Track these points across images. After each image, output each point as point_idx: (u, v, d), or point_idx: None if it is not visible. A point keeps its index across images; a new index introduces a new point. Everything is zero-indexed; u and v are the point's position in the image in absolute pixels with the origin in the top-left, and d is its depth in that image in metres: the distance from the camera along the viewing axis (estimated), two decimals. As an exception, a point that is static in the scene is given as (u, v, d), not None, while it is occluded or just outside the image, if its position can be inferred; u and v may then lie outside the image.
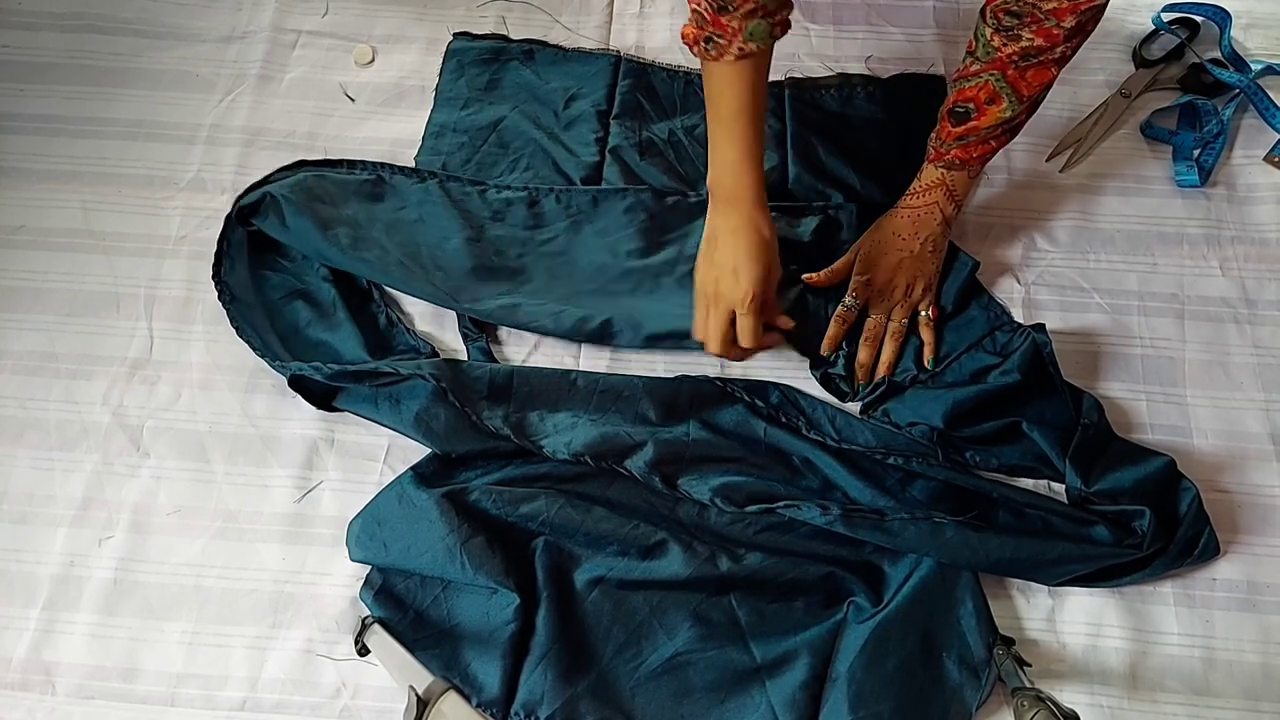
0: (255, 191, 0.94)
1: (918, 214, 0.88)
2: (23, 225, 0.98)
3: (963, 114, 0.82)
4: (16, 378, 0.90)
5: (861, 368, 0.90)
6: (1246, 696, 0.78)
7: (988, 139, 0.83)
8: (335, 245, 0.90)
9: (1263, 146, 1.01)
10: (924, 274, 0.89)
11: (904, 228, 0.89)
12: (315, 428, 0.88)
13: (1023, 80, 0.78)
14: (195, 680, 0.79)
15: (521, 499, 0.81)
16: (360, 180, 0.97)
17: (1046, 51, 0.76)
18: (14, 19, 1.09)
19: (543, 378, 0.88)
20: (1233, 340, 0.92)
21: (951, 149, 0.85)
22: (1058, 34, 0.74)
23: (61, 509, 0.85)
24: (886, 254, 0.89)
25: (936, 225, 0.88)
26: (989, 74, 0.79)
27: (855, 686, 0.75)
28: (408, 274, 0.91)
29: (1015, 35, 0.75)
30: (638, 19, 1.11)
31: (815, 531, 0.81)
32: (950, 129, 0.84)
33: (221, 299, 0.92)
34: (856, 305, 0.90)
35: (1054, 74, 0.78)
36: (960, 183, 0.87)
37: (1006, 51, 0.77)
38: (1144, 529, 0.78)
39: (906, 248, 0.89)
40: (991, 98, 0.80)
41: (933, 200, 0.88)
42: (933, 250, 0.89)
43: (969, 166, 0.86)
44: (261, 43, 1.08)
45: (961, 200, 0.89)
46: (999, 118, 0.81)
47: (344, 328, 0.89)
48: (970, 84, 0.81)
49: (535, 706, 0.76)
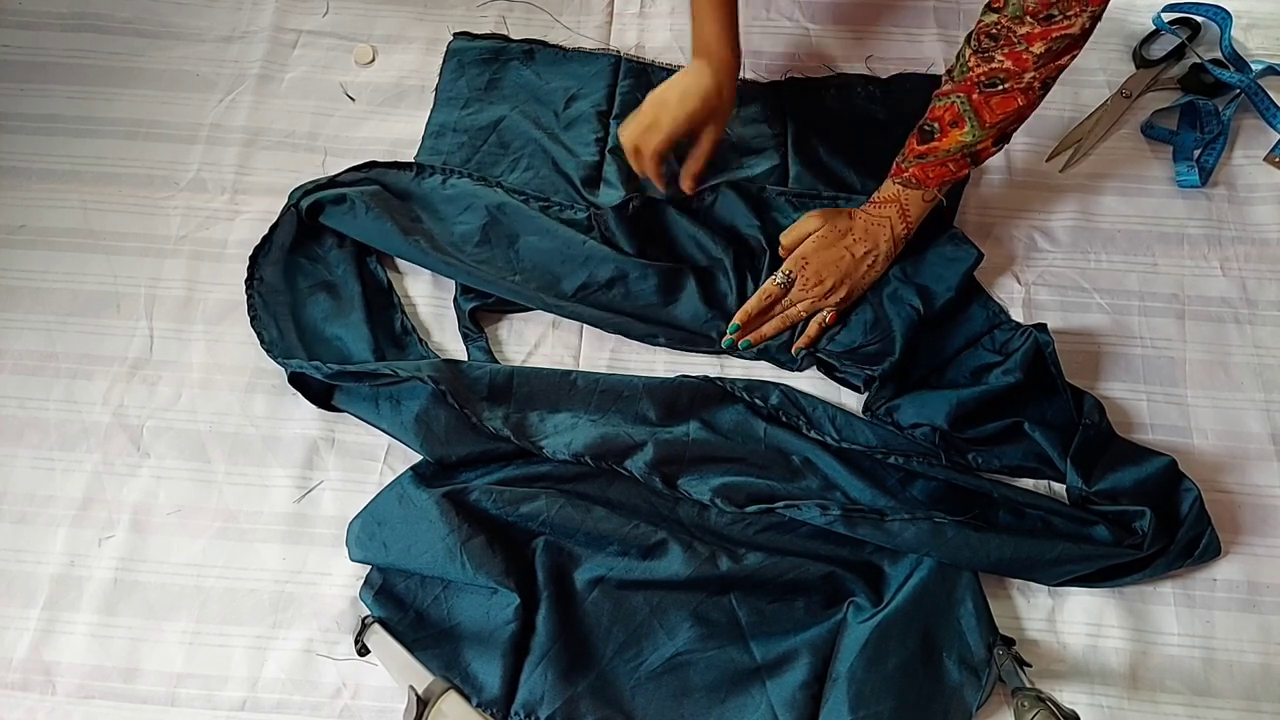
0: (328, 190, 0.94)
1: (870, 223, 0.89)
2: (23, 225, 0.98)
3: (928, 133, 0.83)
4: (16, 378, 0.90)
5: (760, 336, 0.91)
6: (1246, 697, 0.78)
7: (945, 161, 0.83)
8: (416, 248, 0.91)
9: (1263, 146, 1.01)
10: (850, 280, 0.89)
11: (856, 230, 0.89)
12: (315, 428, 0.88)
13: (986, 106, 0.78)
14: (195, 680, 0.78)
15: (521, 499, 0.81)
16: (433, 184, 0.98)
17: (1014, 78, 0.76)
18: (14, 19, 1.09)
19: (542, 378, 0.88)
20: (1233, 340, 0.92)
21: (911, 166, 0.85)
22: (1026, 59, 0.74)
23: (61, 509, 0.85)
24: (832, 249, 0.89)
25: (883, 241, 0.88)
26: (957, 95, 0.79)
27: (855, 686, 0.75)
28: (486, 274, 0.92)
29: (989, 57, 0.76)
30: (638, 19, 1.11)
31: (815, 531, 0.81)
32: (915, 146, 0.84)
33: (249, 283, 0.92)
34: (787, 282, 0.90)
35: (1019, 104, 0.78)
36: (914, 203, 0.87)
37: (976, 73, 0.77)
38: (1144, 529, 0.78)
39: (851, 250, 0.89)
40: (955, 120, 0.80)
41: (885, 215, 0.88)
42: (870, 264, 0.89)
43: (924, 187, 0.86)
44: (261, 42, 1.08)
45: (913, 222, 0.88)
46: (959, 141, 0.81)
47: (358, 327, 0.89)
48: (940, 103, 0.81)
49: (535, 706, 0.76)
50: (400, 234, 0.92)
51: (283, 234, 0.95)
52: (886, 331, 0.89)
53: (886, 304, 0.90)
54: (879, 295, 0.91)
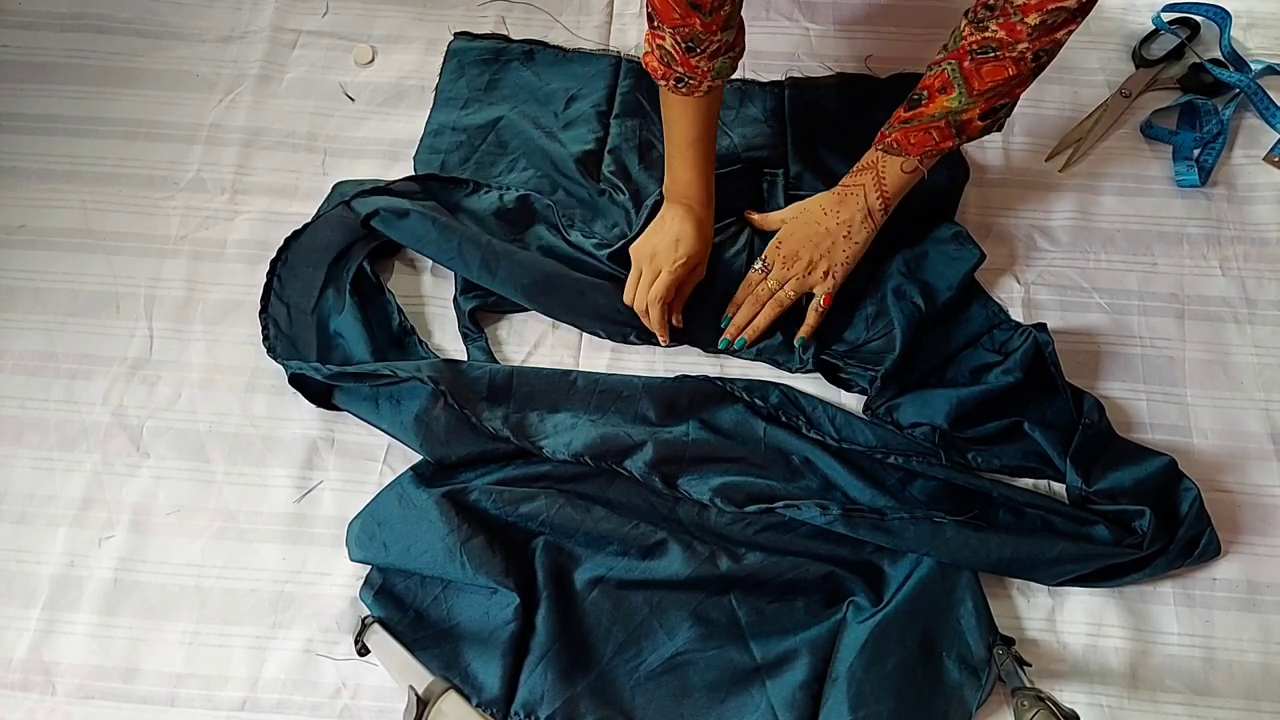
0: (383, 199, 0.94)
1: (845, 192, 0.88)
2: (23, 225, 0.98)
3: (916, 100, 0.82)
4: (16, 378, 0.90)
5: (734, 327, 0.90)
6: (1246, 696, 0.78)
7: (929, 128, 0.82)
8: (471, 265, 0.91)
9: (1263, 146, 1.01)
10: (829, 256, 0.88)
11: (829, 202, 0.89)
12: (315, 428, 0.88)
13: (976, 74, 0.78)
14: (195, 680, 0.79)
15: (521, 499, 0.81)
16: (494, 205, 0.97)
17: (1006, 47, 0.75)
18: (14, 19, 1.09)
19: (542, 378, 0.88)
20: (1233, 340, 0.92)
21: (894, 131, 0.84)
22: (1020, 30, 0.74)
23: (61, 509, 0.85)
24: (805, 225, 0.89)
25: (857, 210, 0.87)
26: (948, 63, 0.79)
27: (855, 686, 0.75)
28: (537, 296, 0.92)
29: (983, 26, 0.76)
30: (638, 19, 1.11)
31: (815, 531, 0.81)
32: (900, 113, 0.84)
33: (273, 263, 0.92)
34: (766, 269, 0.90)
35: (1009, 73, 0.77)
36: (891, 172, 0.86)
37: (969, 41, 0.77)
38: (1144, 529, 0.78)
39: (823, 224, 0.88)
40: (944, 86, 0.80)
41: (859, 183, 0.87)
42: (846, 235, 0.88)
43: (905, 153, 0.84)
44: (261, 43, 1.08)
45: (890, 196, 0.87)
46: (945, 106, 0.80)
47: (357, 326, 0.89)
48: (930, 72, 0.81)
49: (535, 706, 0.76)
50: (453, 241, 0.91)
51: (326, 227, 0.94)
52: (889, 327, 0.89)
53: (889, 299, 0.90)
54: (882, 290, 0.91)
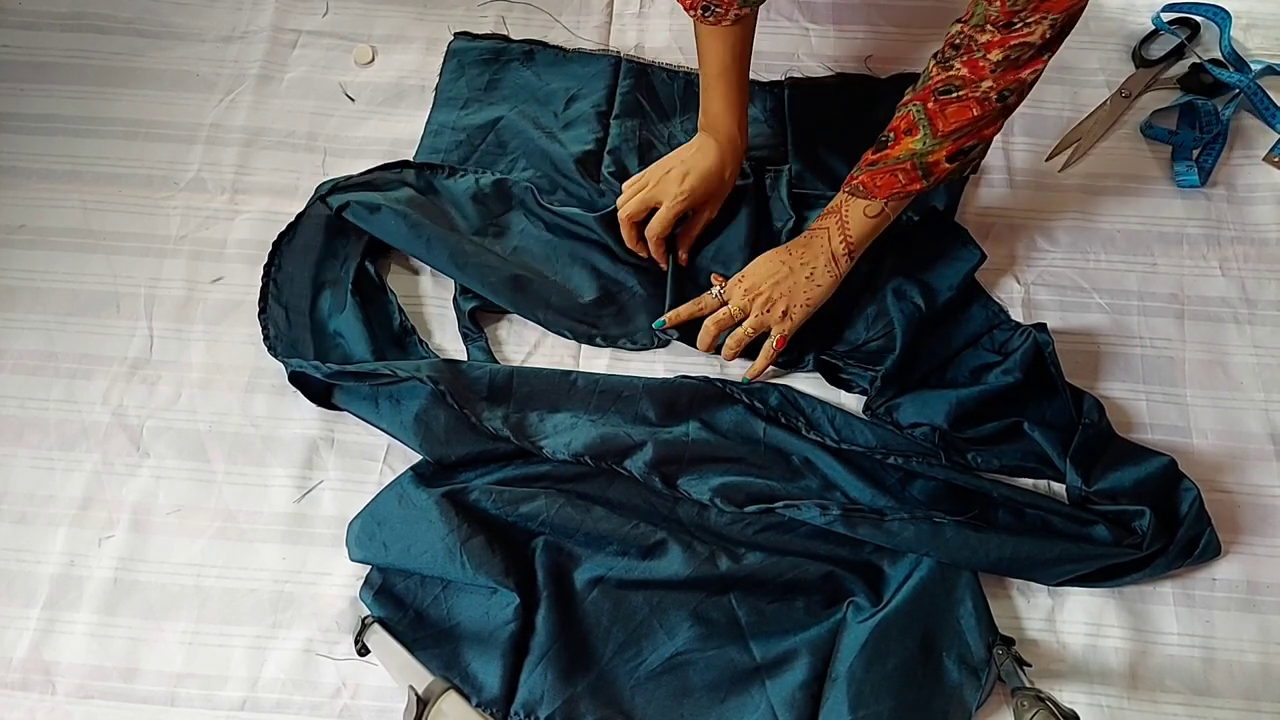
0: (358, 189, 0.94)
1: (811, 235, 0.87)
2: (23, 225, 0.98)
3: (883, 143, 0.82)
4: (16, 378, 0.90)
5: (699, 343, 0.90)
6: (1246, 696, 0.78)
7: (895, 170, 0.80)
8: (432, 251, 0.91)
9: (1263, 146, 1.01)
10: (789, 296, 0.85)
11: (797, 243, 0.87)
12: (315, 428, 0.88)
13: (941, 115, 0.77)
14: (195, 680, 0.78)
15: (521, 499, 0.81)
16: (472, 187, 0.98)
17: (970, 85, 0.75)
18: (14, 19, 1.09)
19: (542, 378, 0.88)
20: (1233, 340, 0.92)
21: (861, 173, 0.83)
22: (984, 67, 0.73)
23: (61, 509, 0.85)
24: (770, 261, 0.88)
25: (820, 253, 0.85)
26: (914, 104, 0.79)
27: (855, 686, 0.75)
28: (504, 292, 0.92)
29: (949, 65, 0.75)
30: (638, 19, 1.11)
31: (815, 531, 0.81)
32: (868, 155, 0.83)
33: (267, 269, 0.92)
34: (721, 297, 0.89)
35: (974, 114, 0.76)
36: (855, 215, 0.84)
37: (935, 80, 0.77)
38: (1144, 529, 0.78)
39: (788, 263, 0.86)
40: (909, 127, 0.79)
41: (824, 226, 0.85)
42: (809, 276, 0.85)
43: (871, 196, 0.82)
44: (261, 42, 1.08)
45: (854, 242, 0.84)
46: (910, 149, 0.79)
47: (357, 326, 0.89)
48: (898, 114, 0.81)
49: (535, 706, 0.76)
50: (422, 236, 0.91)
51: (308, 227, 0.94)
52: (889, 327, 0.89)
53: (890, 299, 0.89)
54: (882, 290, 0.90)
